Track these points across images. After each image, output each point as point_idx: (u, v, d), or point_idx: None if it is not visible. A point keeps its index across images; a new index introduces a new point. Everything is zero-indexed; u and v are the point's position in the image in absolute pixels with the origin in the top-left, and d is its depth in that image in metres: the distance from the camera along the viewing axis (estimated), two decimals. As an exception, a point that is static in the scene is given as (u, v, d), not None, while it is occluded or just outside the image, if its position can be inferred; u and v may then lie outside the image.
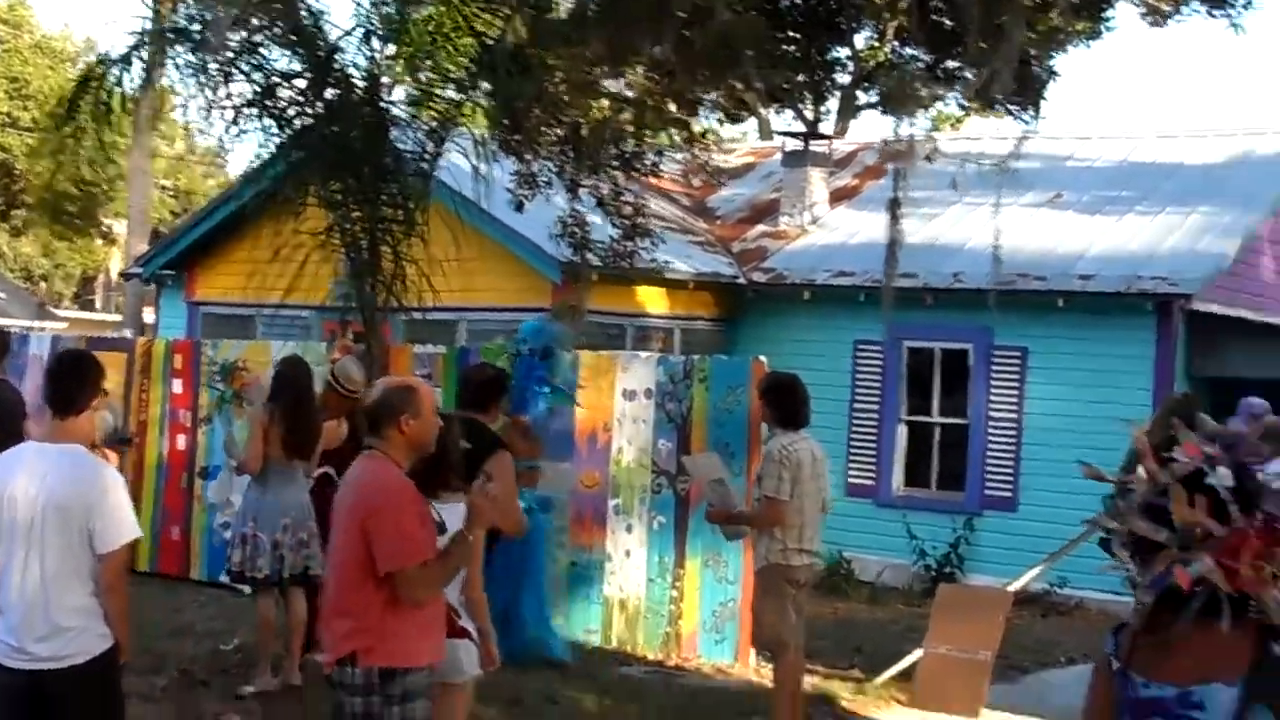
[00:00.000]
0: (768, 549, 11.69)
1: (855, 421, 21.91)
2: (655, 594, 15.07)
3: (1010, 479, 20.60)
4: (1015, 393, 20.69)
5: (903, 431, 21.72)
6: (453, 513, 7.57)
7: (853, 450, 21.85)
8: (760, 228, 24.83)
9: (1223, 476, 4.23)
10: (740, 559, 14.14)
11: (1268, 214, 22.21)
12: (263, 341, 19.09)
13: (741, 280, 22.91)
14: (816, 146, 25.28)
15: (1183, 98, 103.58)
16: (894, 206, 15.74)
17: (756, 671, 14.00)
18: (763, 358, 14.79)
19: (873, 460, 21.80)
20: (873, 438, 21.83)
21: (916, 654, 13.76)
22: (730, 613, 14.56)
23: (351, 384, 12.94)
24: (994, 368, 20.88)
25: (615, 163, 15.88)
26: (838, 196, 25.15)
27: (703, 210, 26.09)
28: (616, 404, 15.42)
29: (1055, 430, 19.79)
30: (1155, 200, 22.52)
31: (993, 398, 20.86)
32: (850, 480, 21.68)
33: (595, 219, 17.72)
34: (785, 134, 27.97)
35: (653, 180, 25.12)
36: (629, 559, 15.22)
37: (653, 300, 21.92)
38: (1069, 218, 22.50)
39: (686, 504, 14.80)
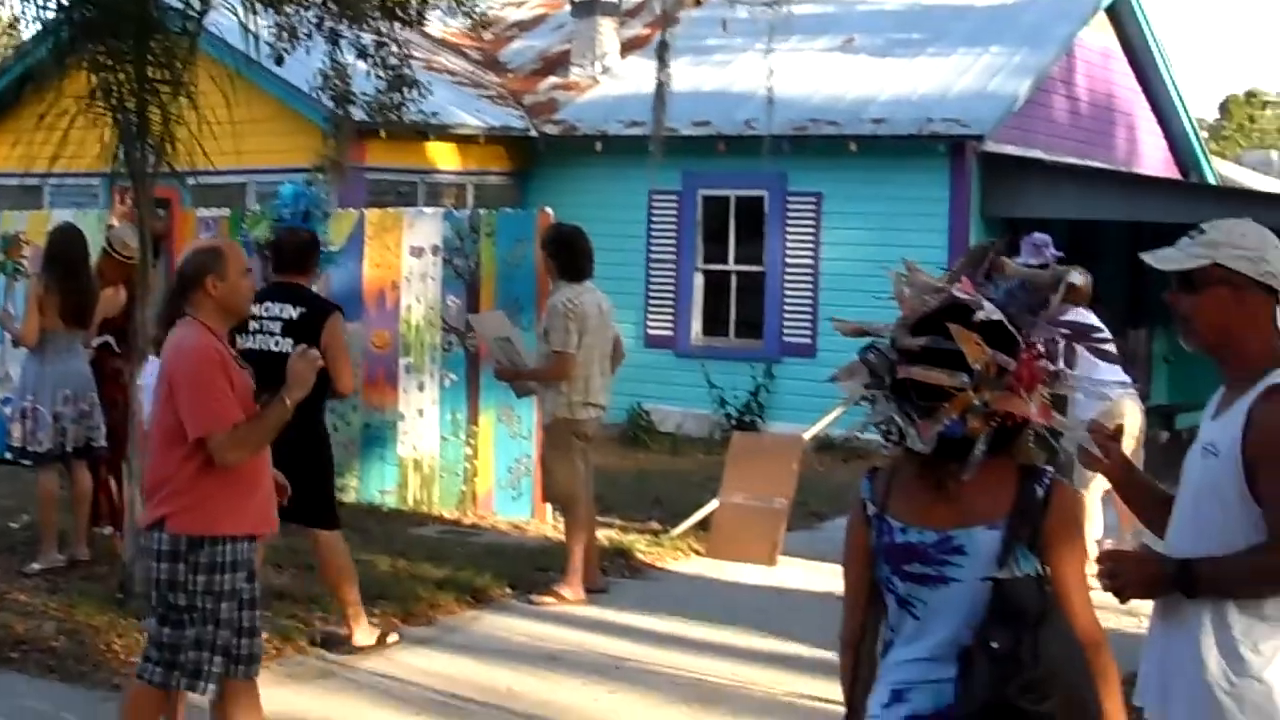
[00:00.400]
0: (554, 403, 11.62)
1: (652, 272, 21.80)
2: (449, 453, 14.92)
3: (809, 325, 20.61)
4: (811, 239, 20.68)
5: (699, 281, 21.64)
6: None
7: (651, 301, 21.77)
8: (552, 79, 24.42)
9: (990, 310, 4.13)
10: (533, 414, 13.99)
11: (1060, 53, 22.28)
12: (44, 211, 18.61)
13: (533, 133, 22.57)
14: (606, -5, 24.86)
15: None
16: (662, 50, 15.58)
17: (554, 527, 13.91)
18: (549, 209, 14.60)
19: (670, 311, 21.72)
20: (670, 288, 21.74)
21: (714, 504, 13.76)
22: (525, 468, 14.45)
23: (127, 250, 12.61)
24: (789, 214, 20.83)
25: (377, 13, 15.46)
26: (630, 46, 24.84)
27: (494, 64, 25.60)
28: (404, 262, 15.18)
29: (852, 275, 19.78)
30: (947, 42, 22.49)
31: (789, 244, 20.83)
32: (649, 332, 21.64)
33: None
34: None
35: (445, 35, 24.85)
36: (422, 418, 15.05)
37: (444, 156, 21.57)
38: (862, 61, 22.42)
39: (477, 361, 14.64)
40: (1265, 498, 4.47)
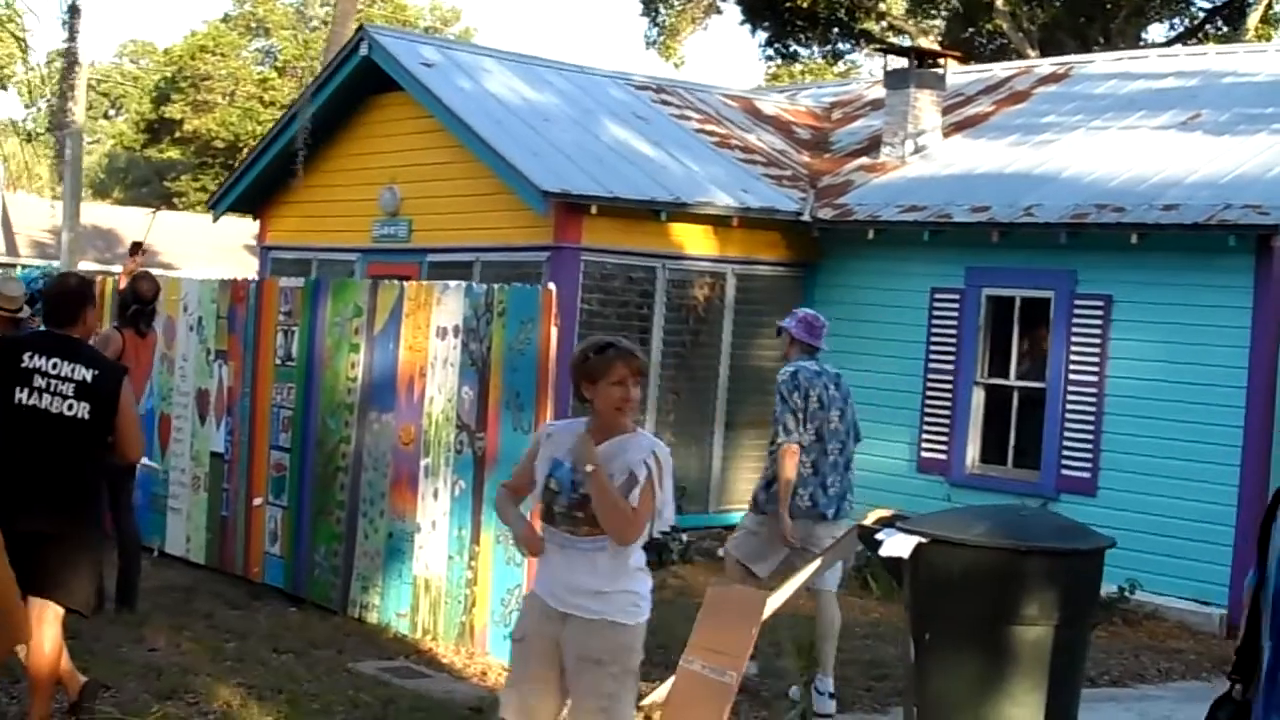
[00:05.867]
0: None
1: (930, 384, 18.37)
2: (454, 574, 12.22)
3: (1089, 457, 16.77)
4: (1097, 352, 16.86)
5: (979, 397, 18.03)
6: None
7: (926, 418, 18.34)
8: (861, 160, 21.10)
9: None
10: (524, 535, 11.31)
11: None
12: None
13: (806, 217, 19.26)
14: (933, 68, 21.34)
15: None
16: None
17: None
18: (552, 286, 11.76)
19: (946, 431, 18.21)
20: (947, 404, 18.23)
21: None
22: (518, 601, 11.61)
23: (4, 301, 11.82)
24: (1075, 320, 17.08)
25: None
26: (961, 126, 21.41)
27: (820, 144, 22.53)
28: (431, 344, 12.65)
29: (1137, 399, 16.28)
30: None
31: (1073, 357, 17.03)
32: (923, 454, 18.24)
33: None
34: (889, 48, 24.32)
35: (781, 110, 22.42)
36: (435, 530, 12.43)
37: (693, 239, 18.53)
38: (1194, 139, 18.29)
39: (484, 466, 11.94)
40: None
